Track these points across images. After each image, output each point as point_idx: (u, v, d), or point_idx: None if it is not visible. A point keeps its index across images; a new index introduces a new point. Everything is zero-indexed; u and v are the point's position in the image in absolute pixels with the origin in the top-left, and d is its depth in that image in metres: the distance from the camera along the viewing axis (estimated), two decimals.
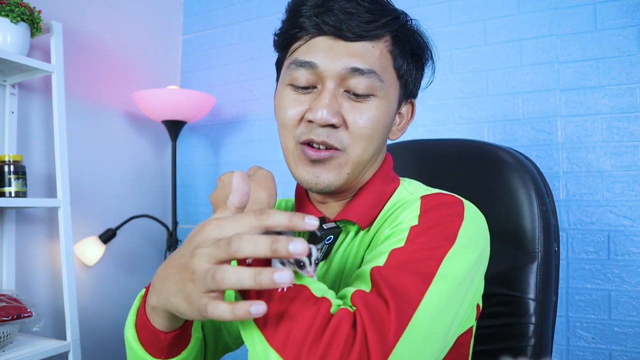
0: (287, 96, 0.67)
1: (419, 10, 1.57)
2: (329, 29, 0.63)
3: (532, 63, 1.41)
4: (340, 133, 0.64)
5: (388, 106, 0.67)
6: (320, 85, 0.65)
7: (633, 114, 1.28)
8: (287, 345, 0.46)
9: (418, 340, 0.49)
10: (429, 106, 1.55)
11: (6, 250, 1.38)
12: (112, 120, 1.77)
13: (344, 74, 0.63)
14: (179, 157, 2.01)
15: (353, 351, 0.44)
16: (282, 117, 0.67)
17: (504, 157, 0.89)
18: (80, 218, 1.60)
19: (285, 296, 0.48)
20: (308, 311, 0.47)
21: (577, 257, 1.33)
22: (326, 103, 0.62)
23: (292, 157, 0.67)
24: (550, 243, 0.83)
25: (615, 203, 1.29)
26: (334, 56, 0.63)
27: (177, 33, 2.08)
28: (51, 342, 1.28)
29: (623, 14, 1.30)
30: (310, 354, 0.45)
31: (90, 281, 1.66)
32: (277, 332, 0.47)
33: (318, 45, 0.64)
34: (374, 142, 0.67)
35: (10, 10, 1.23)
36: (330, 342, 0.45)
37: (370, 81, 0.63)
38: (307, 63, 0.64)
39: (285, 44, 0.69)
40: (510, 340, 0.80)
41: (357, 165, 0.66)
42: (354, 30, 0.62)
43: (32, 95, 1.50)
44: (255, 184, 0.63)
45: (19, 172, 1.29)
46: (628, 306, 1.26)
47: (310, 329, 0.46)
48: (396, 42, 0.67)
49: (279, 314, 0.48)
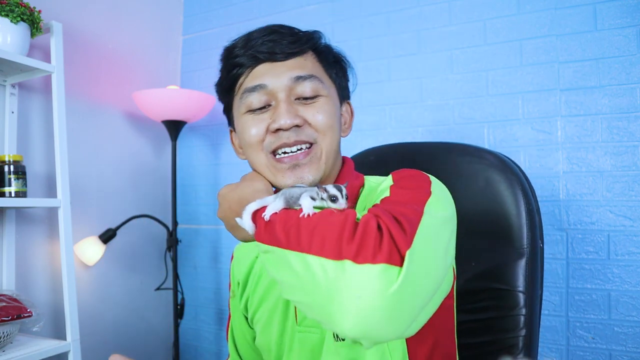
0: (247, 120, 0.76)
1: (419, 10, 1.57)
2: (264, 56, 0.75)
3: (532, 63, 1.41)
4: (306, 129, 0.74)
5: (334, 104, 0.78)
6: (274, 101, 0.75)
7: (633, 114, 1.28)
8: (325, 246, 0.54)
9: (428, 240, 0.57)
10: (429, 106, 1.55)
11: (6, 250, 1.38)
12: (112, 120, 1.77)
13: (290, 84, 0.74)
14: (179, 157, 2.01)
15: (383, 242, 0.52)
16: (247, 138, 0.76)
17: (489, 159, 0.95)
18: (80, 218, 1.60)
19: (312, 218, 0.58)
20: (337, 217, 0.57)
21: (577, 257, 1.33)
22: (285, 109, 0.73)
23: (268, 169, 0.75)
24: (536, 240, 0.88)
25: (615, 203, 1.29)
26: (277, 74, 0.75)
27: (177, 33, 2.08)
28: (51, 342, 1.28)
29: (623, 14, 1.30)
30: (349, 248, 0.52)
31: (90, 281, 1.66)
32: (312, 240, 0.56)
33: (260, 71, 0.76)
34: (336, 133, 0.77)
35: (10, 10, 1.23)
36: (363, 237, 0.53)
37: (314, 84, 0.75)
38: (258, 86, 0.75)
39: (230, 85, 0.80)
40: (503, 332, 0.86)
41: (330, 154, 0.76)
42: (284, 51, 0.75)
43: (32, 95, 1.50)
44: (250, 179, 0.74)
45: (19, 172, 1.29)
46: (628, 306, 1.26)
47: (344, 229, 0.54)
48: (318, 54, 0.80)
49: (310, 229, 0.57)
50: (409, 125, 1.57)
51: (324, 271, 0.53)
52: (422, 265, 0.54)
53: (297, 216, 0.59)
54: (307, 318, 0.76)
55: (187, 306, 1.90)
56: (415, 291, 0.53)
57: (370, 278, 0.50)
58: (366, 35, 1.67)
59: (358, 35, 1.68)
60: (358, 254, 0.52)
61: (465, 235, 0.88)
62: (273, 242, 0.60)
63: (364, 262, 0.51)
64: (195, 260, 1.99)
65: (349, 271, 0.51)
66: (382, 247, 0.52)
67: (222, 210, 0.73)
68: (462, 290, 0.90)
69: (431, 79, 1.55)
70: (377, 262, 0.51)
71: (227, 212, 0.72)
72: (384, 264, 0.51)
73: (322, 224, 0.56)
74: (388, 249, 0.52)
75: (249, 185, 0.72)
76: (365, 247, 0.52)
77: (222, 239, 1.93)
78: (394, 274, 0.51)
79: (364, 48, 1.66)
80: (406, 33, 1.59)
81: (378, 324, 0.51)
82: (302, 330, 0.77)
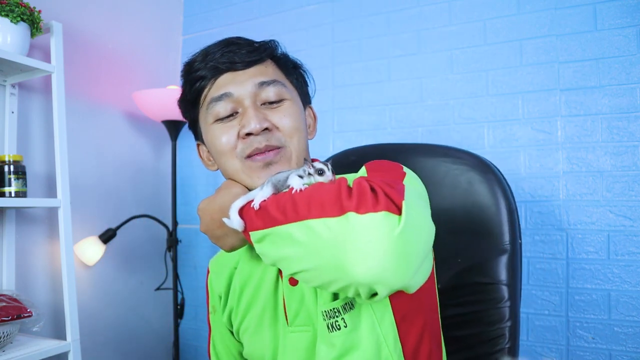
0: (217, 129, 0.78)
1: (419, 10, 1.57)
2: (226, 66, 0.78)
3: (532, 63, 1.41)
4: (275, 134, 0.76)
5: (298, 107, 0.81)
6: (241, 108, 0.77)
7: (633, 114, 1.28)
8: (325, 208, 0.56)
9: (415, 200, 0.60)
10: (429, 106, 1.55)
11: (6, 250, 1.38)
12: (112, 120, 1.77)
13: (254, 90, 0.77)
14: (178, 157, 2.00)
15: (379, 196, 0.55)
16: (219, 146, 0.77)
17: (469, 160, 0.99)
18: (80, 218, 1.60)
19: (305, 190, 0.61)
20: (331, 185, 0.59)
21: (577, 257, 1.33)
22: (254, 114, 0.75)
23: (243, 173, 0.77)
24: (516, 237, 0.93)
25: (615, 203, 1.29)
26: (240, 82, 0.77)
27: (177, 33, 2.08)
28: (51, 342, 1.28)
29: (623, 14, 1.30)
30: (349, 203, 0.55)
31: (90, 281, 1.66)
32: (310, 207, 0.58)
33: (223, 80, 0.78)
34: (303, 135, 0.80)
35: (10, 10, 1.23)
36: (360, 194, 0.56)
37: (277, 88, 0.78)
38: (223, 95, 0.77)
39: (194, 98, 0.81)
40: (490, 324, 0.91)
41: (299, 156, 0.78)
42: (244, 60, 0.78)
43: (32, 95, 1.50)
44: (227, 187, 0.75)
45: (19, 172, 1.29)
46: (628, 306, 1.26)
47: (340, 191, 0.57)
48: (277, 62, 0.82)
49: (306, 198, 0.59)
50: (409, 125, 1.57)
51: (329, 228, 0.55)
52: (417, 216, 0.57)
53: (289, 194, 0.62)
54: (297, 317, 0.76)
55: (187, 306, 1.90)
56: (416, 237, 0.56)
57: (375, 223, 0.53)
58: (366, 35, 1.67)
59: (358, 35, 1.68)
60: (359, 206, 0.54)
61: (451, 233, 0.95)
62: (269, 223, 0.61)
63: (366, 211, 0.54)
64: (195, 260, 1.98)
65: (353, 221, 0.54)
66: (378, 199, 0.55)
67: (204, 223, 0.74)
68: (450, 285, 0.95)
69: (431, 79, 1.55)
70: (378, 210, 0.54)
71: (209, 225, 0.73)
72: (384, 211, 0.54)
73: (317, 193, 0.59)
74: (385, 201, 0.55)
75: (227, 192, 0.74)
76: (365, 200, 0.55)
77: None
78: (394, 220, 0.54)
79: (364, 48, 1.66)
80: (406, 33, 1.59)
81: (390, 265, 0.53)
82: (294, 330, 0.77)
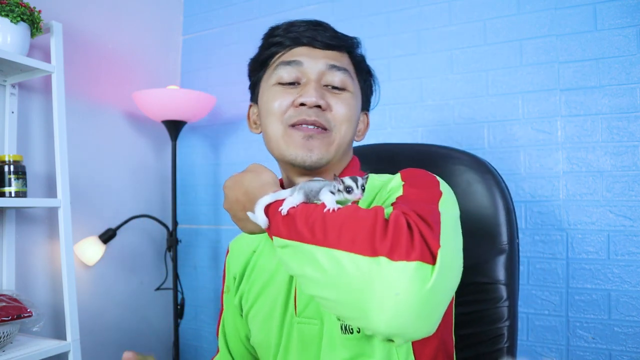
0: (276, 91, 0.79)
1: (419, 10, 1.57)
2: (306, 40, 0.79)
3: (532, 63, 1.41)
4: (327, 114, 0.77)
5: (356, 104, 0.82)
6: (305, 79, 0.78)
7: (633, 114, 1.28)
8: (357, 242, 0.53)
9: (450, 237, 0.58)
10: (429, 106, 1.55)
11: (6, 250, 1.38)
12: (112, 120, 1.77)
13: (324, 70, 0.78)
14: (179, 157, 2.01)
15: (415, 240, 0.52)
16: (270, 107, 0.78)
17: (466, 160, 0.99)
18: (80, 218, 1.60)
19: (338, 213, 0.58)
20: (366, 213, 0.56)
21: (577, 257, 1.33)
22: (314, 88, 0.76)
23: (281, 140, 0.77)
24: (513, 237, 0.93)
25: (615, 203, 1.29)
26: (314, 57, 0.79)
27: (177, 33, 2.08)
28: (51, 342, 1.28)
29: (623, 14, 1.30)
30: (383, 245, 0.52)
31: (90, 281, 1.66)
32: (341, 235, 0.55)
33: (299, 51, 0.80)
34: (352, 128, 0.80)
35: (10, 10, 1.23)
36: (395, 235, 0.53)
37: (345, 76, 0.79)
38: (294, 61, 0.78)
39: (265, 59, 0.83)
40: (489, 323, 0.91)
41: (341, 146, 0.78)
42: (325, 41, 0.80)
43: (32, 95, 1.50)
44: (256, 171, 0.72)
45: (19, 172, 1.29)
46: (628, 306, 1.26)
47: (375, 225, 0.54)
48: (353, 60, 0.84)
49: (337, 224, 0.56)
50: (409, 126, 1.57)
51: (357, 267, 0.53)
52: (449, 262, 0.55)
53: (320, 211, 0.59)
54: (307, 309, 0.76)
55: (187, 306, 1.90)
56: (446, 288, 0.55)
57: (406, 275, 0.51)
58: (366, 35, 1.66)
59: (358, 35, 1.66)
60: (393, 251, 0.52)
61: None
62: (294, 236, 0.59)
63: (399, 259, 0.51)
64: (195, 260, 1.99)
65: (384, 268, 0.51)
66: (414, 244, 0.52)
67: (228, 202, 0.72)
68: None
69: (431, 79, 1.55)
70: (411, 260, 0.51)
71: (233, 205, 0.71)
72: (418, 261, 0.51)
73: (350, 220, 0.56)
74: (420, 247, 0.52)
75: (256, 178, 0.70)
76: (399, 245, 0.52)
77: (222, 239, 1.93)
78: (427, 272, 0.51)
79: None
80: (406, 33, 1.59)
81: (413, 320, 0.51)
82: (301, 321, 0.76)
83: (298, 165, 0.76)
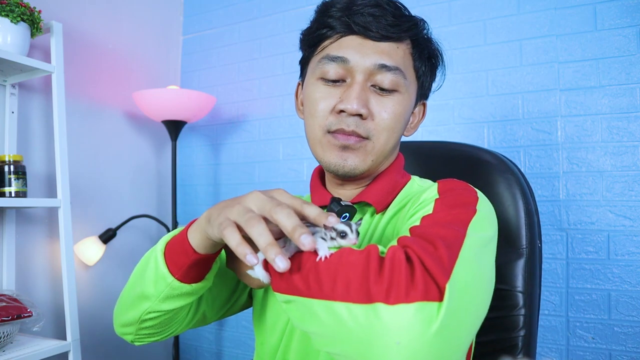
0: (318, 89, 0.73)
1: (419, 10, 1.56)
2: (358, 29, 0.70)
3: (532, 63, 1.41)
4: (367, 123, 0.71)
5: (408, 103, 0.74)
6: (350, 78, 0.71)
7: (633, 114, 1.28)
8: (351, 290, 0.48)
9: (471, 266, 0.52)
10: (429, 106, 1.53)
11: (6, 250, 1.38)
12: (112, 120, 1.77)
13: (372, 69, 0.70)
14: (179, 157, 2.01)
15: (416, 276, 0.47)
16: (312, 109, 0.73)
17: (487, 158, 0.94)
18: (80, 218, 1.60)
19: (331, 260, 0.52)
20: (359, 256, 0.50)
21: (577, 257, 1.33)
22: (357, 94, 0.69)
23: (319, 144, 0.73)
24: (534, 240, 0.88)
25: (615, 203, 1.29)
26: (364, 53, 0.70)
27: (177, 33, 2.08)
28: (51, 342, 1.28)
29: (623, 14, 1.30)
30: (378, 289, 0.46)
31: (90, 281, 1.66)
32: (335, 284, 0.49)
33: (348, 42, 0.71)
34: (396, 134, 0.74)
35: (10, 10, 1.23)
36: (391, 274, 0.47)
37: (395, 77, 0.71)
38: (339, 58, 0.71)
39: (314, 42, 0.75)
40: (503, 332, 0.86)
41: (380, 154, 0.73)
42: (381, 31, 0.70)
43: (32, 95, 1.50)
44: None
45: (19, 172, 1.29)
46: (628, 306, 1.26)
47: (368, 267, 0.48)
48: (415, 46, 0.74)
49: (331, 272, 0.50)
50: None
51: (354, 318, 0.47)
52: (465, 296, 0.49)
53: (313, 260, 0.53)
54: None
55: None
56: (460, 327, 0.48)
57: (405, 319, 0.45)
58: None
59: None
60: (389, 294, 0.46)
61: None
62: (292, 291, 0.54)
63: (397, 302, 0.45)
64: None
65: (382, 315, 0.46)
66: (414, 281, 0.46)
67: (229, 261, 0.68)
68: None
69: None
70: (411, 301, 0.45)
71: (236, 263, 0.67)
72: (419, 301, 0.45)
73: (343, 265, 0.50)
74: (423, 283, 0.46)
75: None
76: (397, 285, 0.46)
77: None
78: (432, 311, 0.45)
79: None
80: None
81: None
82: None
83: (332, 172, 0.74)
